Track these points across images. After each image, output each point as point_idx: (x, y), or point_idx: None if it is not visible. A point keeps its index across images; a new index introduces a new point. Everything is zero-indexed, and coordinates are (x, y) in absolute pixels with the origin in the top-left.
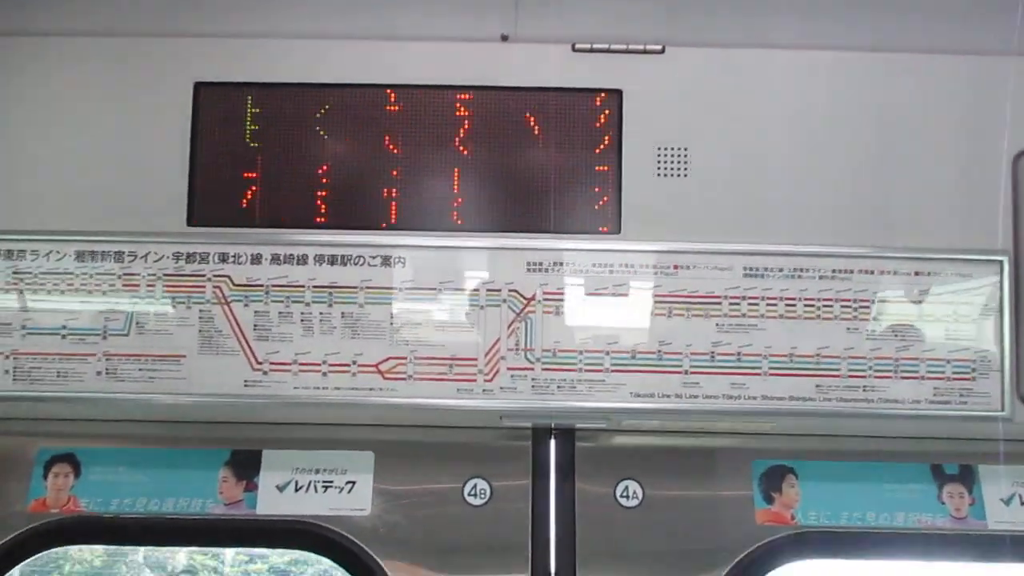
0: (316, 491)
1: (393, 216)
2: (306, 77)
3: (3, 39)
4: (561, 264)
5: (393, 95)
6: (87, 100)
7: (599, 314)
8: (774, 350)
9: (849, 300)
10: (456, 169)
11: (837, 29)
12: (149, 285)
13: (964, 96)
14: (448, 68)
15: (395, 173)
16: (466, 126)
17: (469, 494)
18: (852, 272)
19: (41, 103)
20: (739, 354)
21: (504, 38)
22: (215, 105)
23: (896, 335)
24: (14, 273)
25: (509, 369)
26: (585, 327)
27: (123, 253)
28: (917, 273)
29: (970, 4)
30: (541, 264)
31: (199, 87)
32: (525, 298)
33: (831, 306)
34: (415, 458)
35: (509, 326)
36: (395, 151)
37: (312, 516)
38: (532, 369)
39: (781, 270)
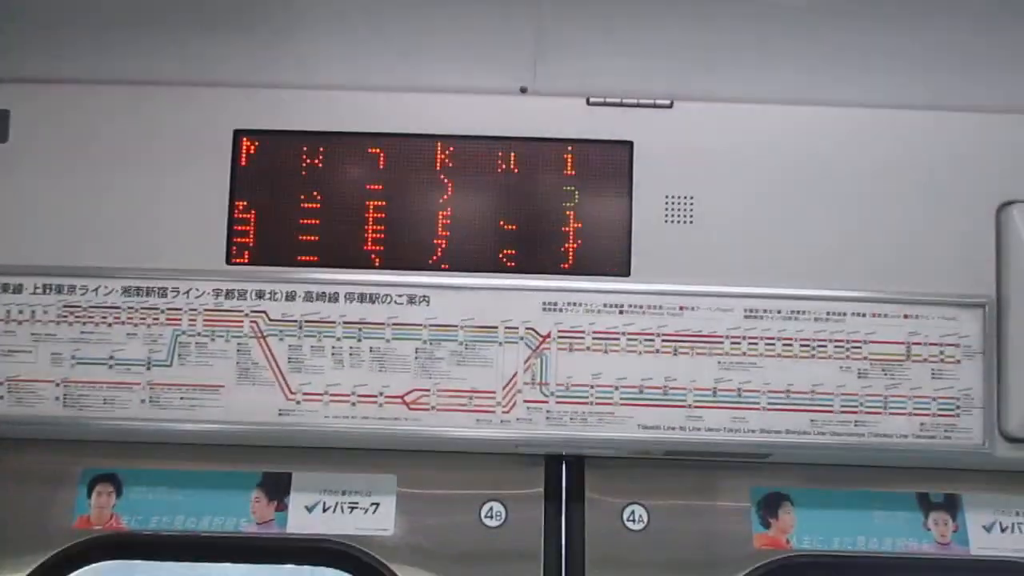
0: (343, 512)
1: (420, 257)
2: (346, 126)
3: (57, 86)
4: (575, 304)
5: (425, 144)
6: (137, 145)
7: (609, 351)
8: (772, 386)
9: (842, 340)
10: (478, 212)
11: (835, 86)
12: (191, 320)
13: (953, 149)
14: (473, 119)
15: (423, 217)
16: (488, 173)
17: (486, 516)
18: (845, 315)
19: (90, 147)
20: (739, 390)
21: (523, 91)
22: (252, 151)
23: (886, 374)
24: (65, 307)
25: (525, 402)
26: (596, 363)
27: (167, 289)
28: (906, 316)
29: (960, 62)
30: (556, 304)
31: (239, 134)
32: (541, 335)
33: (825, 346)
34: (435, 482)
35: (526, 362)
36: (423, 198)
37: (339, 535)
38: (547, 402)
39: (779, 312)
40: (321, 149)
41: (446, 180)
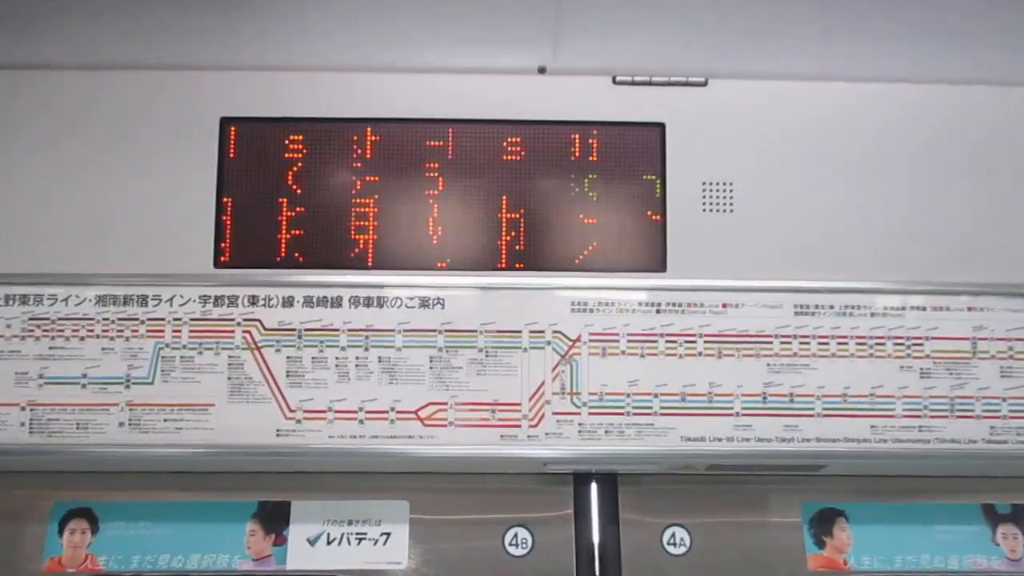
0: (349, 544)
1: (431, 255)
2: (339, 111)
3: (22, 73)
4: (606, 304)
5: (430, 129)
6: (109, 136)
7: (646, 355)
8: (827, 390)
9: (902, 337)
10: (495, 204)
11: (885, 60)
12: (175, 330)
13: (1019, 128)
14: (485, 101)
15: (433, 210)
16: (504, 160)
17: (510, 544)
18: (904, 308)
19: (58, 138)
20: (791, 395)
21: (542, 71)
22: (242, 141)
23: (951, 373)
24: (30, 319)
25: (554, 414)
26: (632, 369)
27: (147, 296)
28: (970, 309)
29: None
30: (586, 304)
31: (225, 122)
32: (570, 339)
33: (884, 344)
34: (453, 507)
35: (554, 369)
36: (432, 189)
37: (346, 571)
38: (578, 413)
39: (832, 307)
40: (318, 138)
41: (459, 169)
